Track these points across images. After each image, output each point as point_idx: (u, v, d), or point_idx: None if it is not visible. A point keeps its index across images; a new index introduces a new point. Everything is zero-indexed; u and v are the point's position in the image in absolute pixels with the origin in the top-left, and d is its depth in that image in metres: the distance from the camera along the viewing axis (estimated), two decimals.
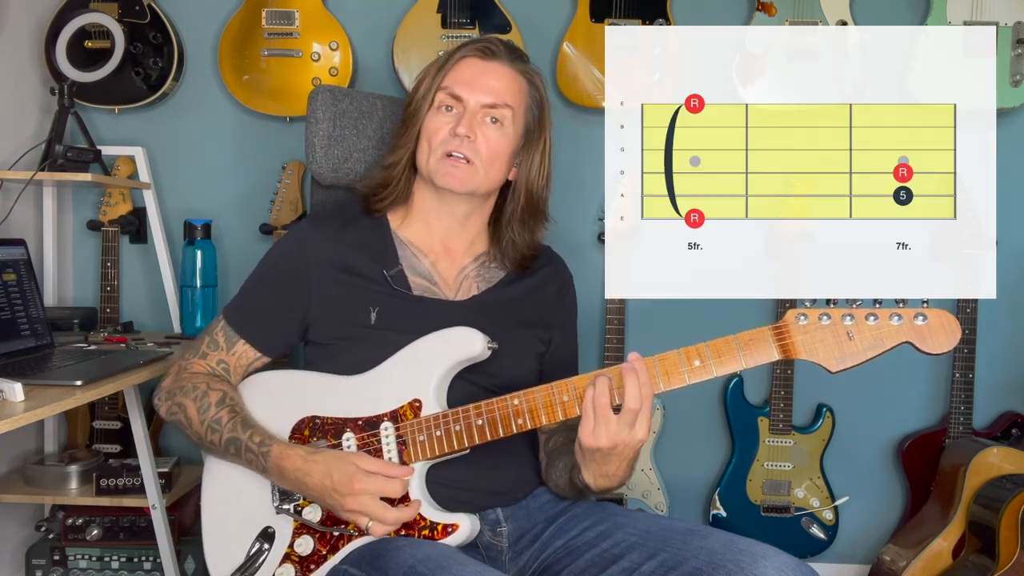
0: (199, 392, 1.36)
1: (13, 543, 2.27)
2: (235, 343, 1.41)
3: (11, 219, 2.12)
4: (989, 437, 2.32)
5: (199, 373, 1.41)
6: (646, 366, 1.18)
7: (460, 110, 1.39)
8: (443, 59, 1.43)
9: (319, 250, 1.40)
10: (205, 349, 1.42)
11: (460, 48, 1.43)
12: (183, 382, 1.39)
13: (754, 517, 2.34)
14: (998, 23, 2.22)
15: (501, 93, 1.39)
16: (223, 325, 1.42)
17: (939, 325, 1.16)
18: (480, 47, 1.41)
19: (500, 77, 1.40)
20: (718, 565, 1.14)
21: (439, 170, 1.38)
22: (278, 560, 1.31)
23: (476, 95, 1.38)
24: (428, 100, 1.41)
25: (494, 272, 1.47)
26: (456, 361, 1.31)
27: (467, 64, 1.41)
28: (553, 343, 1.49)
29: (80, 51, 2.29)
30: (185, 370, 1.42)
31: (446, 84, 1.39)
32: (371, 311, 1.36)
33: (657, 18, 2.27)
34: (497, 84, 1.40)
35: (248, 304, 1.43)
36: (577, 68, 2.32)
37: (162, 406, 1.41)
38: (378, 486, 1.23)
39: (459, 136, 1.36)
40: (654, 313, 2.42)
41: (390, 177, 1.45)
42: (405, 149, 1.44)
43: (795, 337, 1.18)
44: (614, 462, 1.22)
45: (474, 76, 1.39)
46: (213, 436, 1.33)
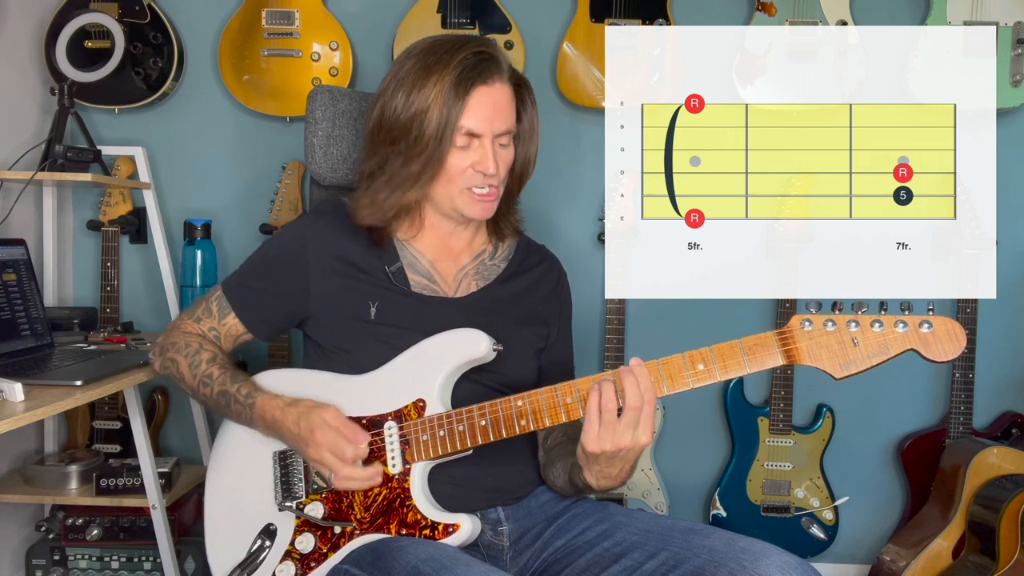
0: (191, 349, 1.42)
1: (13, 543, 2.27)
2: (227, 315, 1.45)
3: (11, 219, 2.12)
4: (989, 437, 2.33)
5: (191, 333, 1.46)
6: (646, 370, 1.18)
7: (476, 143, 1.35)
8: (450, 90, 1.32)
9: (320, 244, 1.41)
10: (200, 314, 1.47)
11: (463, 71, 1.33)
12: (175, 338, 1.45)
13: (754, 517, 2.34)
14: (998, 23, 2.22)
15: (508, 118, 1.37)
16: (219, 295, 1.46)
17: (944, 333, 1.15)
18: (483, 73, 1.34)
19: (505, 100, 1.37)
20: (719, 564, 1.15)
21: (467, 205, 1.38)
22: (279, 557, 1.32)
23: (492, 128, 1.35)
24: (449, 140, 1.33)
25: (492, 269, 1.48)
26: (461, 362, 1.32)
27: (479, 97, 1.33)
28: (550, 339, 1.50)
29: (80, 51, 2.29)
30: (178, 328, 1.47)
31: (464, 124, 1.33)
32: (371, 305, 1.37)
33: (657, 18, 2.27)
34: (505, 110, 1.37)
35: (245, 283, 1.46)
36: (577, 68, 2.32)
37: (156, 360, 1.48)
38: (333, 441, 1.26)
39: (488, 175, 1.35)
40: (654, 313, 2.42)
41: (404, 210, 1.41)
42: (423, 189, 1.38)
43: (799, 343, 1.17)
44: (617, 464, 1.23)
45: (488, 110, 1.34)
46: (205, 390, 1.39)
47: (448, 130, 1.32)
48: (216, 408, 1.40)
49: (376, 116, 1.39)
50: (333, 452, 1.26)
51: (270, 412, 1.32)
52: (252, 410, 1.34)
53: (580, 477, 1.28)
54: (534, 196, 2.37)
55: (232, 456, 1.42)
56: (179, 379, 1.43)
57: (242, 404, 1.35)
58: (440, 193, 1.38)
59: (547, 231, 2.37)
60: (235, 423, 1.41)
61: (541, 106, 1.48)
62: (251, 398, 1.34)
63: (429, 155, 1.34)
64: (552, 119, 2.40)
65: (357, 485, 1.28)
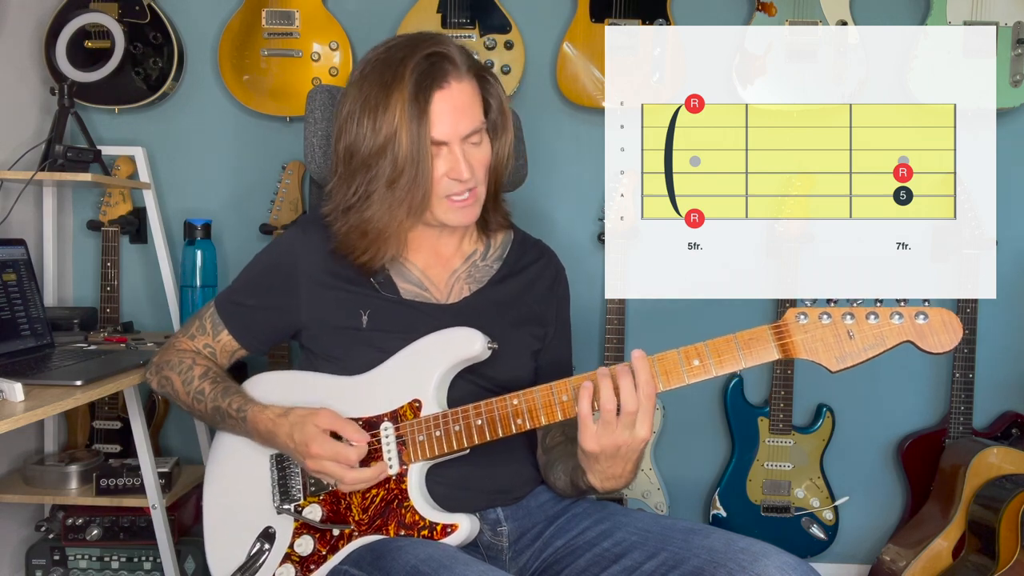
0: (184, 366, 1.42)
1: (13, 543, 2.27)
2: (220, 332, 1.45)
3: (11, 219, 2.12)
4: (989, 437, 2.32)
5: (185, 350, 1.46)
6: (647, 365, 1.17)
7: (444, 150, 1.31)
8: (411, 106, 1.26)
9: (309, 256, 1.40)
10: (194, 332, 1.47)
11: (418, 80, 1.27)
12: (169, 356, 1.46)
13: (754, 517, 2.34)
14: (998, 23, 2.22)
15: (473, 117, 1.31)
16: (212, 312, 1.46)
17: (940, 324, 1.15)
18: (437, 77, 1.28)
19: (466, 99, 1.30)
20: (719, 564, 1.14)
21: (448, 213, 1.34)
22: (278, 560, 1.32)
23: (457, 132, 1.29)
24: (426, 158, 1.28)
25: (484, 270, 1.46)
26: (456, 361, 1.31)
27: (438, 104, 1.27)
28: (548, 338, 1.49)
29: (80, 51, 2.29)
30: (173, 347, 1.48)
31: (434, 136, 1.28)
32: (362, 314, 1.37)
33: (657, 18, 2.27)
34: (468, 109, 1.31)
35: (237, 300, 1.45)
36: (577, 68, 2.32)
37: (152, 379, 1.48)
38: (333, 451, 1.25)
39: (463, 181, 1.31)
40: (654, 313, 2.42)
41: (389, 234, 1.34)
42: (406, 207, 1.31)
43: (795, 336, 1.17)
44: (619, 464, 1.22)
45: (449, 115, 1.28)
46: (199, 406, 1.40)
47: (423, 149, 1.27)
48: (212, 422, 1.41)
49: (348, 145, 1.31)
50: (336, 460, 1.25)
51: (263, 424, 1.31)
52: (245, 423, 1.34)
53: (583, 480, 1.27)
54: (534, 196, 2.38)
55: (229, 460, 1.41)
56: (175, 396, 1.44)
57: (235, 419, 1.35)
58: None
59: (547, 231, 2.37)
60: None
61: (541, 106, 1.47)
62: (242, 412, 1.34)
63: (411, 179, 1.28)
64: (552, 119, 2.40)
65: (365, 485, 1.28)
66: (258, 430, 1.32)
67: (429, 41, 1.30)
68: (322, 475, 1.28)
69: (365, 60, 1.34)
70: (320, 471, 1.27)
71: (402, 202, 1.30)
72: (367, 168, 1.30)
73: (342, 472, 1.26)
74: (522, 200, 1.53)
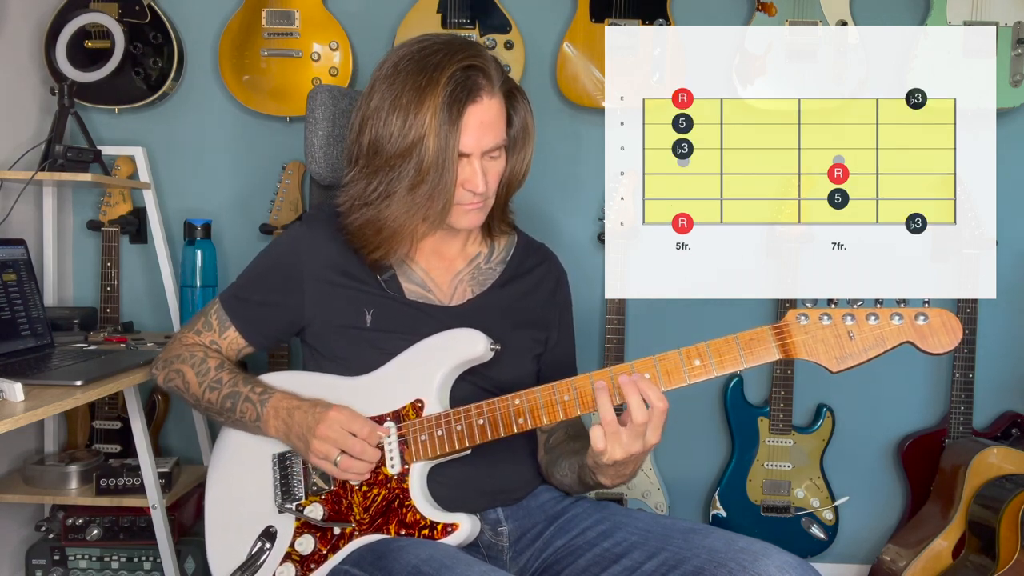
0: (197, 359, 1.42)
1: (13, 543, 2.27)
2: (227, 328, 1.45)
3: (11, 219, 2.12)
4: (989, 437, 2.33)
5: (194, 344, 1.46)
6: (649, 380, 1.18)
7: (464, 161, 1.31)
8: (443, 113, 1.26)
9: (314, 253, 1.40)
10: (200, 327, 1.46)
11: (454, 90, 1.27)
12: (179, 351, 1.45)
13: (754, 517, 2.34)
14: (998, 23, 2.22)
15: (498, 133, 1.32)
16: (218, 308, 1.46)
17: (940, 324, 1.15)
18: (473, 91, 1.28)
19: (494, 115, 1.31)
20: (719, 563, 1.14)
21: (456, 217, 1.35)
22: (279, 559, 1.32)
23: (481, 147, 1.31)
24: (451, 168, 1.28)
25: (488, 273, 1.47)
26: (459, 362, 1.32)
27: (469, 118, 1.28)
28: (550, 342, 1.49)
29: (80, 51, 2.29)
30: (180, 342, 1.47)
31: (460, 148, 1.29)
32: (366, 313, 1.37)
33: (657, 18, 2.27)
34: (495, 125, 1.32)
35: (242, 296, 1.45)
36: (577, 68, 2.32)
37: (159, 374, 1.47)
38: (341, 435, 1.27)
39: (477, 192, 1.32)
40: (654, 313, 2.42)
41: (404, 235, 1.35)
42: (424, 213, 1.31)
43: (796, 337, 1.17)
44: (631, 465, 1.25)
45: (476, 129, 1.29)
46: (211, 395, 1.38)
47: (449, 159, 1.27)
48: (219, 413, 1.39)
49: (373, 139, 1.31)
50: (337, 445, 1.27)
51: (286, 403, 1.32)
52: (265, 406, 1.33)
53: (592, 478, 1.31)
54: (534, 196, 2.38)
55: (232, 459, 1.42)
56: (183, 389, 1.42)
57: (253, 402, 1.34)
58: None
59: (547, 231, 2.37)
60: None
61: (541, 106, 1.48)
62: (266, 395, 1.34)
63: (433, 185, 1.28)
64: (552, 119, 2.40)
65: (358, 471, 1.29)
66: (277, 411, 1.32)
67: (468, 51, 1.30)
68: (321, 458, 1.28)
69: (398, 55, 1.32)
70: (321, 453, 1.28)
71: (421, 207, 1.30)
72: (390, 167, 1.30)
73: (338, 455, 1.27)
74: (522, 200, 1.53)
